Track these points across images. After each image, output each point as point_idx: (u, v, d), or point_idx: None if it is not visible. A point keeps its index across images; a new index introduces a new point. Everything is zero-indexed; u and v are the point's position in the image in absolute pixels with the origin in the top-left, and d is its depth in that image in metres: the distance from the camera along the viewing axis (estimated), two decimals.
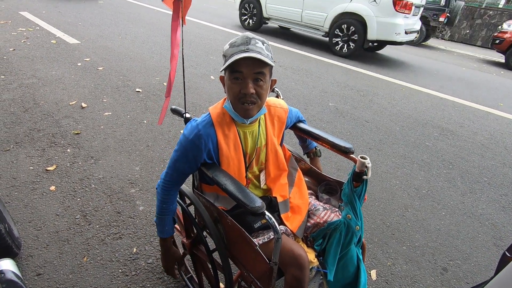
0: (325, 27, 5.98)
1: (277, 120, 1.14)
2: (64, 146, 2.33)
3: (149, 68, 4.10)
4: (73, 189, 1.94)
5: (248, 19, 7.18)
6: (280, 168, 1.17)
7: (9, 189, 1.87)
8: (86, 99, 3.06)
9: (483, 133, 3.48)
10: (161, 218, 1.09)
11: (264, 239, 1.03)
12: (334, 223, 1.09)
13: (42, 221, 1.69)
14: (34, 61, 3.80)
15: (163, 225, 1.11)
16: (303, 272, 0.97)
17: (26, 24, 5.24)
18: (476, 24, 10.80)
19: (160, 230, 1.12)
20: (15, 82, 3.22)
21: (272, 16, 6.70)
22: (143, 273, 1.47)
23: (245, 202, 0.86)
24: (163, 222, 1.10)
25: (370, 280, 1.58)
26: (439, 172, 2.63)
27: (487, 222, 2.11)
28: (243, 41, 0.93)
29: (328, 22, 5.87)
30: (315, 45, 6.77)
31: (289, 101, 3.64)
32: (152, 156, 2.35)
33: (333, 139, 1.17)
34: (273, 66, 0.97)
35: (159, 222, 1.11)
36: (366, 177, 1.01)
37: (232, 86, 0.95)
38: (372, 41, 5.86)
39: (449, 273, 1.68)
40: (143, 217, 1.79)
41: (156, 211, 1.11)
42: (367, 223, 1.95)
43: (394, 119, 3.54)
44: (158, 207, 1.09)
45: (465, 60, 7.94)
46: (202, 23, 7.52)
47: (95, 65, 3.93)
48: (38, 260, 1.48)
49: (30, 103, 2.85)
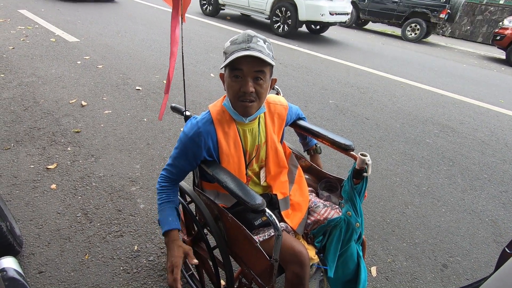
0: (267, 11, 6.89)
1: (277, 117, 1.14)
2: (65, 145, 2.34)
3: (149, 66, 4.09)
4: (74, 187, 1.95)
5: (207, 6, 8.08)
6: (280, 166, 1.17)
7: (10, 188, 1.87)
8: (86, 97, 3.05)
9: (484, 130, 3.48)
10: (163, 209, 1.05)
11: (264, 236, 1.04)
12: (334, 220, 1.10)
13: (43, 219, 1.70)
14: (33, 59, 3.79)
15: (166, 216, 1.03)
16: (303, 269, 0.97)
17: (25, 22, 5.22)
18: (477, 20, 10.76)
19: (164, 222, 1.02)
20: (15, 80, 3.21)
21: (226, 2, 7.62)
22: (144, 271, 1.48)
23: (246, 199, 0.87)
24: (164, 213, 1.04)
25: (371, 276, 1.58)
26: (440, 169, 2.63)
27: (487, 219, 2.11)
28: (244, 39, 0.92)
29: (269, 6, 6.78)
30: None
31: (289, 99, 3.64)
32: (153, 154, 2.35)
33: (333, 136, 1.17)
34: (273, 65, 0.97)
35: (161, 216, 1.04)
36: (366, 174, 1.01)
37: (232, 84, 0.95)
38: (310, 23, 7.21)
39: (449, 270, 1.69)
40: (144, 215, 1.80)
41: (158, 208, 1.08)
42: (367, 220, 1.96)
43: (395, 116, 3.54)
44: (158, 201, 1.07)
45: (465, 57, 7.91)
46: (201, 20, 7.50)
47: (94, 63, 3.92)
48: (39, 258, 1.49)
49: (30, 102, 2.85)
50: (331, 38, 7.73)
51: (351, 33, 9.20)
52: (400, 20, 9.00)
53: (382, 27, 10.78)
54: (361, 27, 10.64)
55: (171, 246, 0.99)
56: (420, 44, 8.79)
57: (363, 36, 8.98)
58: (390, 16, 9.13)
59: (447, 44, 9.60)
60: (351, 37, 8.36)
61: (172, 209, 1.05)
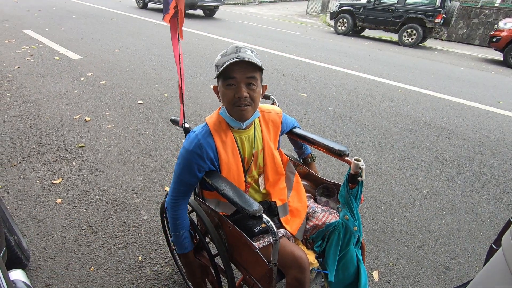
0: None
1: (271, 124, 1.19)
2: (69, 159, 2.39)
3: (150, 80, 4.18)
4: (79, 201, 1.99)
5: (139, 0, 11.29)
6: (278, 173, 1.20)
7: (17, 203, 1.92)
8: (90, 113, 3.13)
9: (483, 131, 3.50)
10: (177, 234, 1.11)
11: (264, 242, 1.06)
12: (332, 224, 1.12)
13: (49, 233, 1.73)
14: (38, 77, 3.90)
15: (182, 241, 1.12)
16: (304, 274, 0.99)
17: (30, 42, 5.38)
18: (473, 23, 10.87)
19: (180, 247, 1.13)
20: (21, 99, 3.31)
21: None
22: (148, 281, 1.50)
23: (243, 206, 0.90)
24: (180, 238, 1.12)
25: (373, 281, 1.59)
26: (439, 172, 2.64)
27: (489, 220, 2.11)
28: (233, 50, 1.00)
29: None
30: None
31: (288, 107, 3.70)
32: (155, 166, 2.40)
33: (328, 142, 1.21)
34: (263, 71, 1.03)
35: (176, 240, 1.12)
36: (361, 178, 1.04)
37: (226, 92, 1.01)
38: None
39: (451, 272, 1.69)
40: (148, 226, 1.83)
41: (170, 230, 1.13)
42: (368, 225, 1.97)
43: (393, 121, 3.58)
44: (171, 225, 1.12)
45: (463, 60, 7.97)
46: (201, 33, 7.66)
47: (97, 79, 4.02)
48: (46, 271, 1.52)
49: (35, 119, 2.93)
50: (328, 47, 7.84)
51: (348, 40, 9.33)
52: (396, 26, 9.13)
53: (378, 33, 10.92)
54: (358, 34, 10.80)
55: (191, 267, 1.19)
56: (417, 49, 8.89)
57: (360, 43, 9.10)
58: (386, 22, 9.27)
59: (444, 47, 9.69)
60: (348, 45, 8.47)
61: (186, 233, 1.13)
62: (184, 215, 1.12)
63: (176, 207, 1.09)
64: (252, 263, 1.05)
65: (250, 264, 1.07)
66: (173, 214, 1.10)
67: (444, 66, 6.89)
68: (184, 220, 1.11)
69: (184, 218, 1.12)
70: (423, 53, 8.25)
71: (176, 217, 1.10)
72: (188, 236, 1.14)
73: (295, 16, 15.72)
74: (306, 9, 16.79)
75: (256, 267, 1.03)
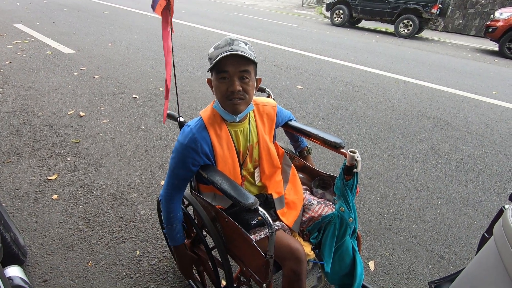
0: None
1: (266, 117, 1.18)
2: (64, 155, 2.37)
3: (145, 74, 4.14)
4: (75, 196, 1.98)
5: None
6: (274, 165, 1.20)
7: (12, 200, 1.91)
8: (84, 108, 3.10)
9: (478, 122, 3.52)
10: (170, 227, 1.12)
11: (261, 235, 1.07)
12: (328, 216, 1.13)
13: (46, 229, 1.73)
14: (30, 72, 3.84)
15: (174, 234, 1.13)
16: (300, 265, 1.01)
17: (21, 36, 5.28)
18: (469, 13, 10.84)
19: (172, 239, 1.15)
20: (13, 94, 3.26)
21: None
22: (147, 275, 1.51)
23: (239, 199, 0.90)
24: (173, 231, 1.13)
25: (369, 270, 1.62)
26: (435, 162, 2.66)
27: (483, 209, 2.14)
28: (226, 43, 0.98)
29: None
30: None
31: (284, 100, 3.68)
32: (151, 160, 2.39)
33: (324, 135, 1.21)
34: (257, 64, 1.01)
35: (169, 232, 1.14)
36: (356, 170, 1.05)
37: (219, 86, 0.99)
38: None
39: (445, 261, 1.72)
40: (145, 221, 1.83)
41: (164, 222, 1.14)
42: (364, 216, 1.99)
43: (389, 113, 3.58)
44: (165, 218, 1.12)
45: (459, 50, 7.97)
46: (196, 26, 7.57)
47: (91, 74, 3.97)
48: (44, 267, 1.52)
49: (28, 115, 2.89)
50: (324, 39, 7.79)
51: (344, 32, 9.27)
52: (393, 17, 9.08)
53: (375, 24, 10.86)
54: (354, 25, 10.72)
55: (182, 259, 1.21)
56: (414, 40, 8.86)
57: (357, 34, 9.04)
58: (382, 13, 9.20)
59: (440, 38, 9.66)
60: (344, 36, 8.42)
61: (179, 226, 1.14)
62: (178, 208, 1.12)
63: (170, 201, 1.09)
64: (249, 256, 1.06)
65: (247, 256, 1.08)
66: (167, 207, 1.10)
67: (440, 57, 6.89)
68: (177, 213, 1.12)
69: (178, 212, 1.12)
70: (419, 44, 8.23)
71: (170, 210, 1.10)
72: (181, 229, 1.15)
73: (290, 7, 15.55)
74: (302, 0, 16.62)
75: (253, 259, 1.04)
